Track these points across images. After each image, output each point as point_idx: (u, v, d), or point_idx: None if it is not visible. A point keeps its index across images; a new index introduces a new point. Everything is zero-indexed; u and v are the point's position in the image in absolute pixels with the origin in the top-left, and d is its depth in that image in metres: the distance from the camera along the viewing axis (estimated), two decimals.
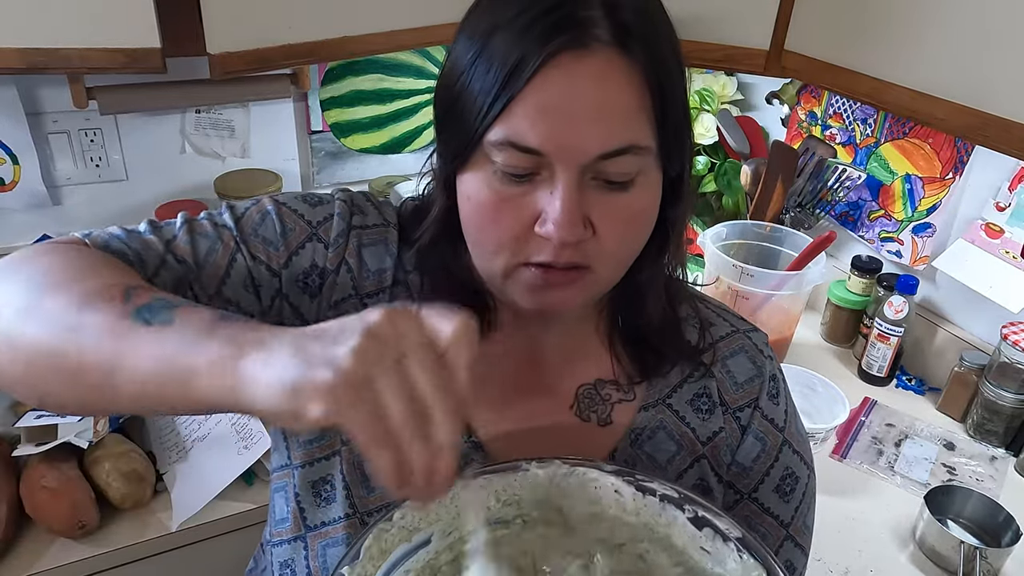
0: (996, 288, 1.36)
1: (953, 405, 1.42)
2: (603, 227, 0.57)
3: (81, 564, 1.04)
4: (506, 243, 0.58)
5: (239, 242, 0.64)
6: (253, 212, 0.66)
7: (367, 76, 1.67)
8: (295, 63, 1.17)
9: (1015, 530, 1.08)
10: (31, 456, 1.08)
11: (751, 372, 0.72)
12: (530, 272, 0.59)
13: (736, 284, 1.44)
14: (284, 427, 0.44)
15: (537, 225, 0.57)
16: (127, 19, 0.98)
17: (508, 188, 0.57)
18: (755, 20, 1.17)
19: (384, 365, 0.41)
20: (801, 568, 0.75)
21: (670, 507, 0.58)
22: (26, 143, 1.43)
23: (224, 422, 1.25)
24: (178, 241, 0.63)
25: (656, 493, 0.58)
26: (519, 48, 0.53)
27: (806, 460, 0.75)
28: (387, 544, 0.54)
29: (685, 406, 0.71)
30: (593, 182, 0.57)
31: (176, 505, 1.12)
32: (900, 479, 1.26)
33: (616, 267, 0.62)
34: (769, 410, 0.72)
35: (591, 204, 0.57)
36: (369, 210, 0.70)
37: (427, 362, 0.42)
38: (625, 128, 0.55)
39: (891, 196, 1.56)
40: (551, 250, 0.57)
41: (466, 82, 0.56)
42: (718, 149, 1.80)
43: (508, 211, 0.57)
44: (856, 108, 1.60)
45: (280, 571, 0.71)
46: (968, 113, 0.94)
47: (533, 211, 0.57)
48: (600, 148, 0.54)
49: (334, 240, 0.67)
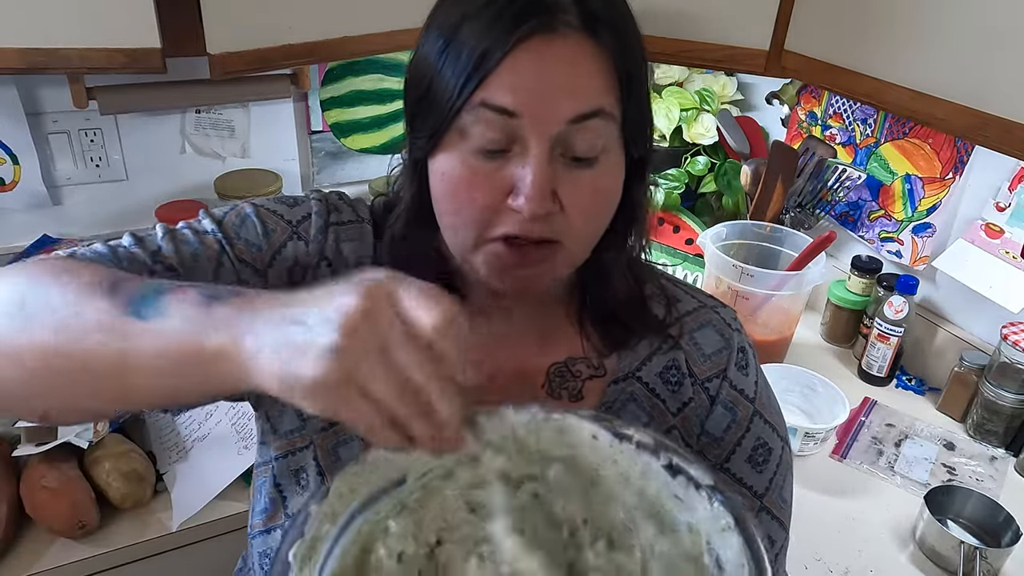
0: (996, 288, 1.36)
1: (953, 405, 1.42)
2: (569, 202, 0.60)
3: (81, 564, 1.04)
4: (478, 217, 0.60)
5: (223, 245, 0.66)
6: (232, 216, 0.68)
7: (367, 76, 1.67)
8: (295, 63, 1.17)
9: (1015, 530, 1.08)
10: (31, 456, 1.08)
11: (719, 344, 0.74)
12: (501, 248, 0.61)
13: (736, 284, 1.44)
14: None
15: (510, 199, 0.59)
16: (127, 19, 0.98)
17: (481, 164, 0.59)
18: (755, 20, 1.17)
19: (365, 363, 0.42)
20: (781, 541, 0.75)
21: (645, 454, 0.57)
22: (26, 143, 1.43)
23: (224, 422, 1.25)
24: (163, 251, 0.64)
25: (632, 439, 0.58)
26: (490, 33, 0.56)
27: (779, 432, 0.76)
28: (358, 484, 0.54)
29: (655, 378, 0.73)
30: (561, 159, 0.59)
31: (176, 505, 1.12)
32: (900, 479, 1.26)
33: (583, 243, 0.64)
34: (738, 380, 0.74)
35: (560, 180, 0.59)
36: (343, 208, 0.72)
37: (413, 354, 0.43)
38: (594, 96, 0.59)
39: (891, 196, 1.56)
40: (521, 223, 0.59)
41: (438, 68, 0.59)
42: (718, 149, 1.80)
43: (481, 185, 0.59)
44: (856, 108, 1.60)
45: (260, 561, 0.71)
46: (968, 113, 0.94)
47: (505, 185, 0.59)
48: (572, 111, 0.57)
49: (314, 237, 0.69)
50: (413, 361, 0.43)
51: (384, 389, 0.42)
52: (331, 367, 0.41)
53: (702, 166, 1.77)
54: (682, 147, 1.78)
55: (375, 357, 0.42)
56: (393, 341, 0.43)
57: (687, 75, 1.83)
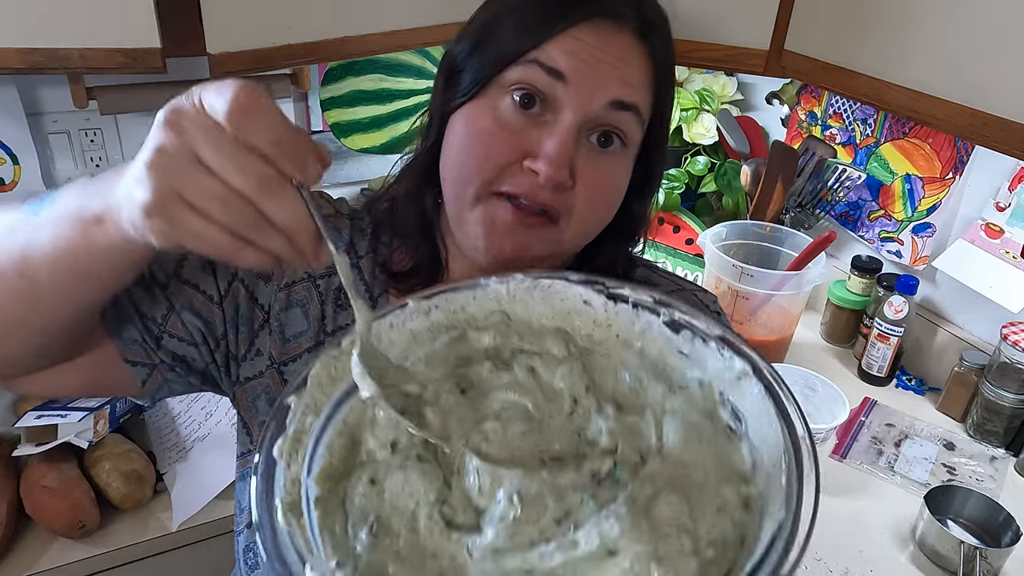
0: (996, 288, 1.36)
1: (953, 405, 1.42)
2: (583, 182, 0.61)
3: (81, 564, 1.04)
4: (490, 168, 0.61)
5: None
6: None
7: (367, 76, 1.67)
8: (295, 63, 1.17)
9: (1015, 530, 1.08)
10: (31, 456, 1.08)
11: None
12: (502, 206, 0.61)
13: (736, 284, 1.44)
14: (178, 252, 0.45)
15: (527, 160, 0.60)
16: (127, 19, 0.98)
17: (512, 117, 0.60)
18: (755, 20, 1.17)
19: (176, 172, 0.40)
20: None
21: (644, 313, 0.54)
22: (26, 143, 1.43)
23: (224, 422, 1.25)
24: None
25: (628, 300, 0.55)
26: (559, 5, 0.60)
27: None
28: (337, 372, 0.50)
29: None
30: (585, 140, 0.61)
31: (176, 505, 1.12)
32: (900, 479, 1.26)
33: (582, 229, 0.65)
34: None
35: (579, 155, 0.61)
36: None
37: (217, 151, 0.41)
38: (636, 91, 0.62)
39: (891, 196, 1.56)
40: (531, 185, 0.60)
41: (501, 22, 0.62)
42: (718, 149, 1.80)
43: (506, 139, 0.60)
44: (856, 108, 1.60)
45: (244, 556, 0.72)
46: (968, 113, 0.94)
47: (526, 146, 0.60)
48: (615, 95, 0.60)
49: None
50: (223, 161, 0.40)
51: (205, 198, 0.40)
52: (149, 186, 0.41)
53: (702, 166, 1.77)
54: (682, 147, 1.78)
55: (186, 164, 0.40)
56: (199, 142, 0.41)
57: (687, 75, 1.83)
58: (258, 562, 0.70)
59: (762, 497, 0.44)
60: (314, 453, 0.46)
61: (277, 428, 0.45)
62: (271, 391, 0.70)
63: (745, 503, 0.45)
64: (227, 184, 0.40)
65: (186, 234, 0.41)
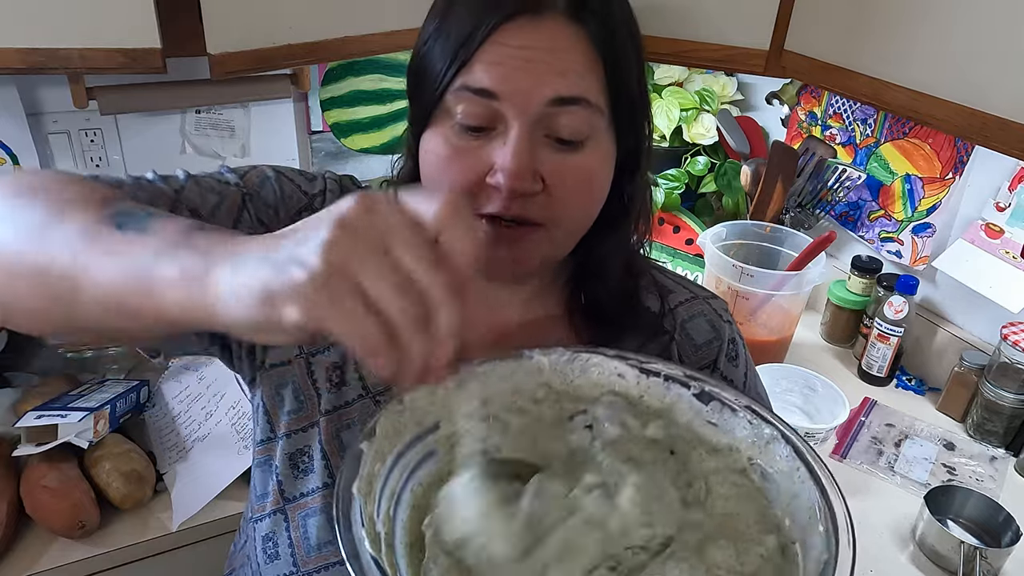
0: (996, 288, 1.36)
1: (953, 405, 1.42)
2: (554, 184, 0.60)
3: (81, 564, 1.04)
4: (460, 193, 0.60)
5: (245, 199, 0.66)
6: (253, 175, 0.69)
7: (367, 76, 1.67)
8: (295, 63, 1.17)
9: (1015, 530, 1.08)
10: (31, 456, 1.08)
11: (709, 335, 0.74)
12: (484, 227, 0.61)
13: (736, 284, 1.44)
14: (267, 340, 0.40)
15: (489, 175, 0.59)
16: (127, 19, 0.98)
17: (464, 141, 0.60)
18: (755, 20, 1.17)
19: (363, 255, 0.37)
20: None
21: (675, 385, 0.58)
22: (26, 143, 1.43)
23: (224, 422, 1.25)
24: (187, 192, 0.64)
25: (660, 374, 0.59)
26: (476, 14, 0.58)
27: None
28: (400, 426, 0.54)
29: None
30: (546, 140, 0.59)
31: (176, 505, 1.12)
32: (900, 479, 1.26)
33: (567, 228, 0.63)
34: (728, 371, 0.74)
35: (543, 160, 0.59)
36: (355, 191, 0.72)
37: (416, 246, 0.38)
38: (577, 82, 0.58)
39: (891, 196, 1.56)
40: (500, 200, 0.59)
41: (431, 49, 0.60)
42: (718, 149, 1.80)
43: (462, 161, 0.60)
44: (856, 108, 1.60)
45: (263, 545, 0.71)
46: (968, 113, 0.94)
47: (486, 163, 0.59)
48: (551, 93, 0.57)
49: None
50: (416, 256, 0.38)
51: (382, 287, 0.37)
52: (323, 260, 0.37)
53: (702, 166, 1.77)
54: (682, 147, 1.78)
55: (372, 250, 0.37)
56: (394, 235, 0.38)
57: (687, 75, 1.83)
58: (278, 552, 0.70)
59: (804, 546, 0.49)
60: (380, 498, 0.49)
61: (351, 471, 0.48)
62: (296, 382, 0.69)
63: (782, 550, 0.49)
64: (410, 278, 0.38)
65: (343, 316, 0.37)
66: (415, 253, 0.38)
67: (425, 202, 0.40)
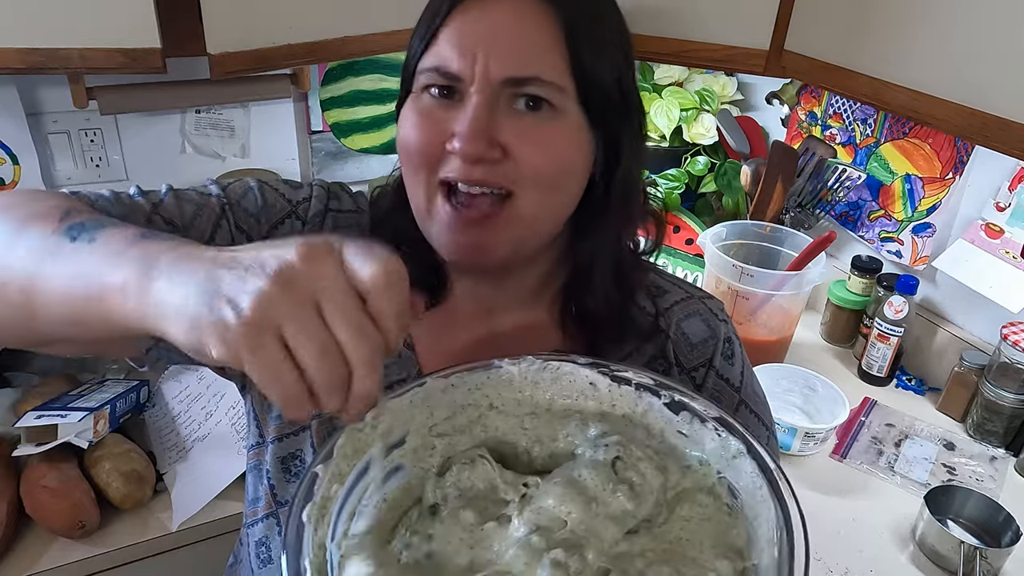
0: (996, 288, 1.36)
1: (953, 405, 1.42)
2: (516, 148, 0.60)
3: (81, 564, 1.04)
4: (425, 159, 0.61)
5: (224, 208, 0.68)
6: (236, 186, 0.70)
7: (367, 76, 1.67)
8: (295, 63, 1.17)
9: (1015, 530, 1.08)
10: (31, 456, 1.08)
11: (705, 334, 0.74)
12: (445, 208, 0.61)
13: (736, 284, 1.44)
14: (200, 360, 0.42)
15: (447, 142, 0.60)
16: (127, 19, 0.98)
17: (433, 110, 0.61)
18: (755, 20, 1.17)
19: (293, 310, 0.39)
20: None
21: (646, 394, 0.58)
22: (26, 143, 1.43)
23: (224, 422, 1.25)
24: (165, 204, 0.65)
25: (631, 382, 0.58)
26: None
27: (764, 421, 0.76)
28: (360, 444, 0.53)
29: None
30: (508, 108, 0.60)
31: (176, 505, 1.12)
32: (900, 479, 1.26)
33: (535, 200, 0.62)
34: (724, 370, 0.74)
35: (503, 126, 0.59)
36: (344, 197, 0.74)
37: (346, 309, 0.40)
38: (535, 60, 0.59)
39: (891, 196, 1.56)
40: (460, 167, 0.60)
41: (414, 32, 0.63)
42: (718, 149, 1.80)
43: (427, 129, 0.61)
44: (856, 108, 1.60)
45: (256, 550, 0.71)
46: (968, 113, 0.94)
47: (449, 130, 0.60)
48: (505, 73, 0.58)
49: (311, 219, 0.71)
50: (344, 319, 0.40)
51: (307, 344, 0.39)
52: (254, 307, 0.38)
53: (702, 166, 1.77)
54: (682, 147, 1.78)
55: (305, 308, 0.39)
56: (327, 292, 0.40)
57: (687, 75, 1.83)
58: (271, 556, 0.70)
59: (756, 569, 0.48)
60: (338, 520, 0.49)
61: (305, 495, 0.48)
62: None
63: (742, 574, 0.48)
64: (335, 339, 0.39)
65: (261, 366, 0.39)
66: (343, 316, 0.39)
67: (366, 262, 0.41)
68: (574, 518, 0.50)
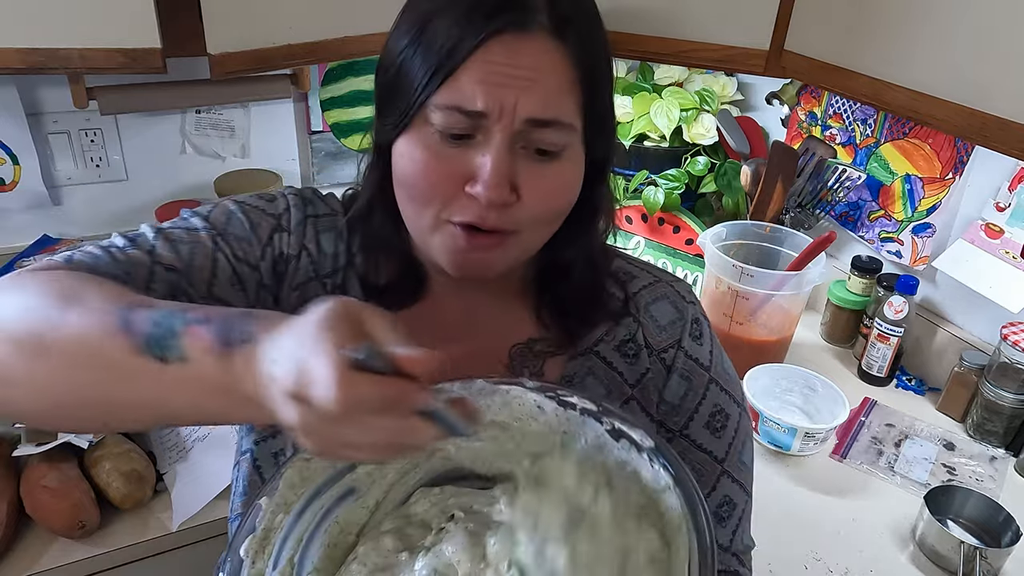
0: (996, 288, 1.36)
1: (953, 405, 1.42)
2: (528, 194, 0.61)
3: (81, 564, 1.04)
4: (436, 198, 0.62)
5: (216, 240, 0.68)
6: (218, 213, 0.70)
7: (367, 76, 1.67)
8: (295, 63, 1.17)
9: (1015, 530, 1.08)
10: (31, 456, 1.08)
11: (673, 316, 0.76)
12: (457, 231, 0.62)
13: (736, 284, 1.44)
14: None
15: (468, 185, 0.60)
16: (127, 19, 0.98)
17: (444, 148, 0.61)
18: (755, 20, 1.17)
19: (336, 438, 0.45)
20: (743, 505, 0.78)
21: (590, 420, 0.60)
22: (26, 143, 1.43)
23: None
24: (159, 251, 0.65)
25: (576, 407, 0.60)
26: (462, 27, 0.58)
27: (736, 399, 0.78)
28: (309, 473, 0.55)
29: (612, 352, 0.75)
30: (523, 152, 0.61)
31: (176, 505, 1.12)
32: (900, 479, 1.26)
33: (539, 233, 0.66)
34: (693, 350, 0.76)
35: (519, 172, 0.61)
36: (317, 202, 0.75)
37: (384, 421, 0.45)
38: (556, 103, 0.60)
39: (891, 196, 1.56)
40: (477, 210, 0.61)
41: (410, 56, 0.61)
42: (718, 149, 1.80)
43: (441, 168, 0.61)
44: (856, 108, 1.60)
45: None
46: (967, 113, 0.94)
47: (465, 171, 0.60)
48: (533, 112, 0.59)
49: (295, 228, 0.72)
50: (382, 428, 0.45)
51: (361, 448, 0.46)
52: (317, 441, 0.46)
53: (702, 166, 1.77)
54: (682, 147, 1.78)
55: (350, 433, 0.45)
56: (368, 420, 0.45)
57: (687, 75, 1.83)
58: None
59: None
60: (282, 548, 0.52)
61: (248, 527, 0.51)
62: None
63: None
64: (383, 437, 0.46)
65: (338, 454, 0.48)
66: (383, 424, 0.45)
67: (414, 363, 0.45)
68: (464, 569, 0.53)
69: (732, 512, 0.77)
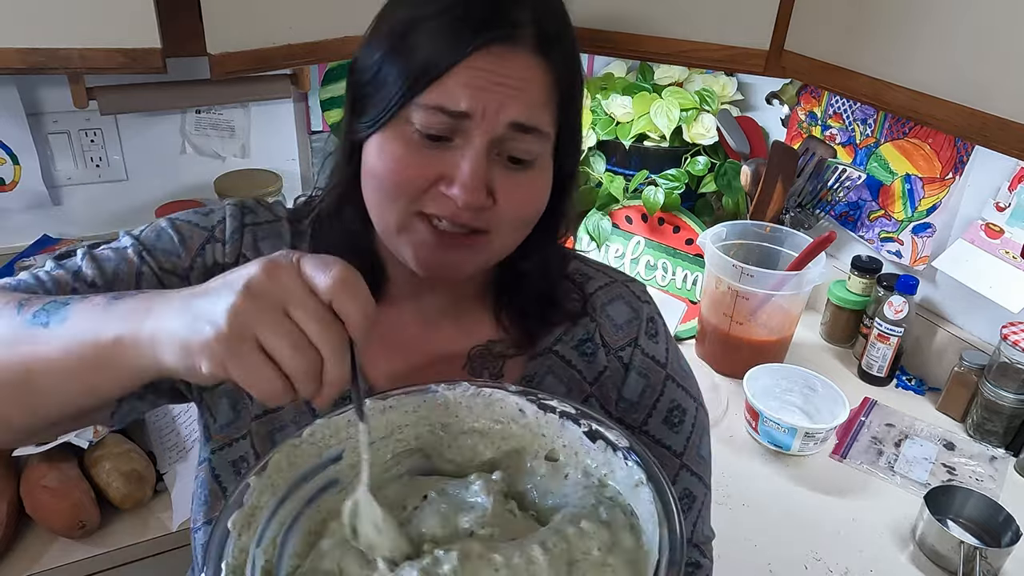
0: (996, 288, 1.36)
1: (953, 405, 1.42)
2: (503, 199, 0.63)
3: (81, 564, 1.04)
4: (407, 193, 0.62)
5: (141, 255, 0.70)
6: (149, 231, 0.73)
7: None
8: (295, 63, 1.17)
9: (1015, 530, 1.08)
10: (31, 456, 1.08)
11: (629, 315, 0.78)
12: (426, 233, 0.63)
13: (736, 284, 1.44)
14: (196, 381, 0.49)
15: (444, 186, 0.62)
16: (127, 19, 0.98)
17: (421, 147, 0.62)
18: (755, 20, 1.17)
19: (263, 316, 0.45)
20: (702, 497, 0.80)
21: (569, 423, 0.62)
22: (26, 143, 1.43)
23: None
24: (83, 271, 0.68)
25: (556, 410, 0.63)
26: (449, 37, 0.60)
27: (692, 394, 0.80)
28: (296, 458, 0.57)
29: (571, 351, 0.77)
30: (497, 158, 0.62)
31: (176, 505, 1.12)
32: (900, 479, 1.26)
33: (510, 238, 0.67)
34: (649, 348, 0.78)
35: (495, 177, 0.62)
36: (259, 210, 0.77)
37: (310, 309, 0.46)
38: (536, 112, 0.62)
39: (891, 196, 1.56)
40: (452, 210, 0.62)
41: (392, 59, 0.62)
42: (718, 149, 1.80)
43: (417, 165, 0.62)
44: (856, 108, 1.60)
45: (203, 553, 0.72)
46: (968, 113, 0.94)
47: (439, 170, 0.62)
48: (515, 117, 0.61)
49: (229, 237, 0.73)
50: (311, 317, 0.46)
51: (280, 343, 0.45)
52: (229, 320, 0.44)
53: (702, 166, 1.77)
54: (682, 147, 1.78)
55: (274, 313, 0.45)
56: (293, 299, 0.46)
57: (687, 75, 1.83)
58: None
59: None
60: (266, 527, 0.54)
61: (236, 502, 0.53)
62: (232, 394, 0.73)
63: None
64: (306, 335, 0.46)
65: (244, 369, 0.45)
66: (309, 314, 0.46)
67: (322, 268, 0.47)
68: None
69: (692, 504, 0.79)
